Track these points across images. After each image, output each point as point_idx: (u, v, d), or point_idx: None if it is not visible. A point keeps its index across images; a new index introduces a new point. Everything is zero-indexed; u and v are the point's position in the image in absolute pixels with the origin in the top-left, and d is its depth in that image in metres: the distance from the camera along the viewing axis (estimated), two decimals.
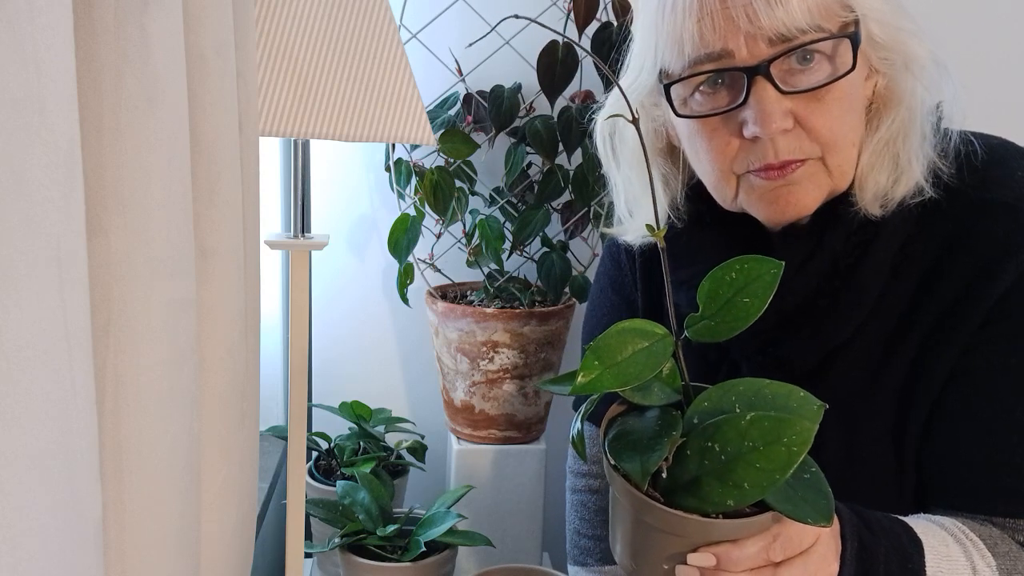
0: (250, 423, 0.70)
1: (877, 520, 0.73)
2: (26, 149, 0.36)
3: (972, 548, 0.75)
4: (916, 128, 0.80)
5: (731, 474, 0.59)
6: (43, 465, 0.39)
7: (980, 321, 0.78)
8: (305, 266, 0.91)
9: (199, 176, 0.57)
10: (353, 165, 1.55)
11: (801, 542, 0.63)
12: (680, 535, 0.62)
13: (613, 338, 0.63)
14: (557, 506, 1.55)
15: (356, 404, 1.47)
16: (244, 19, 0.63)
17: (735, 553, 0.61)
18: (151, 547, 0.52)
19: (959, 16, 1.46)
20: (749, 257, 0.63)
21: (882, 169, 0.80)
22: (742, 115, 0.77)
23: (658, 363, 0.62)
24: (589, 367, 0.62)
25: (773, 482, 0.57)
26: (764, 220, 0.82)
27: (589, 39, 1.34)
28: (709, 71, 0.77)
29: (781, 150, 0.77)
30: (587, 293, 1.42)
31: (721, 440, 0.60)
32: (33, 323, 0.37)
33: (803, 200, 0.79)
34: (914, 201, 0.80)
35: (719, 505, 0.59)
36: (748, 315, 0.62)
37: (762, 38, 0.74)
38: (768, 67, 0.74)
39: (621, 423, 0.67)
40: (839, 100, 0.76)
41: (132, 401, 0.49)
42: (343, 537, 1.19)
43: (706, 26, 0.75)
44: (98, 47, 0.45)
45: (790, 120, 0.76)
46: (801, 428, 0.58)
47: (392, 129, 0.83)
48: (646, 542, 0.64)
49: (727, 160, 0.80)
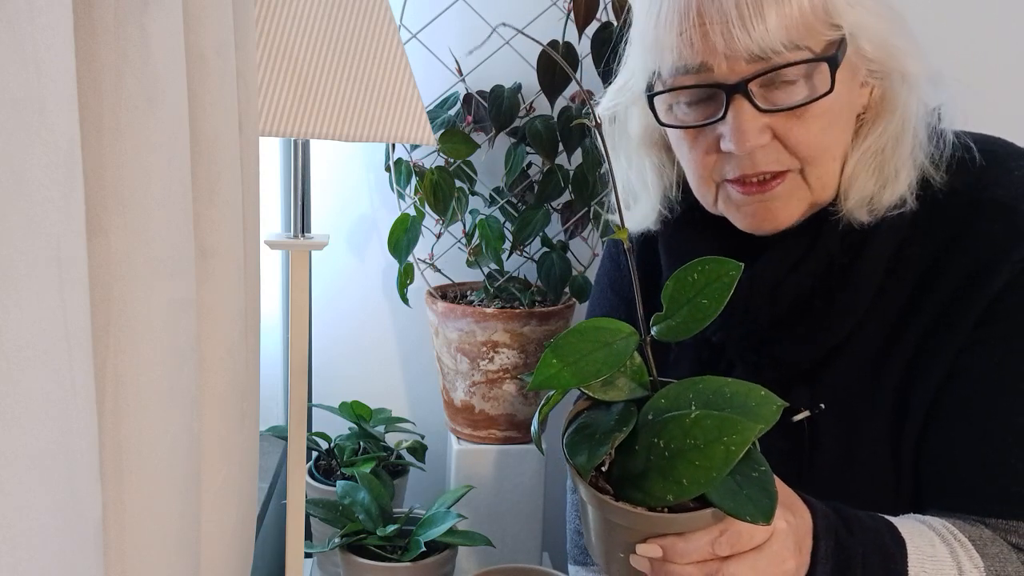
0: (250, 423, 0.70)
1: (858, 519, 0.73)
2: (26, 149, 0.36)
3: (960, 549, 0.75)
4: (908, 137, 0.79)
5: (672, 470, 0.60)
6: (43, 465, 0.39)
7: (975, 321, 0.78)
8: (305, 266, 0.91)
9: (199, 176, 0.57)
10: (353, 165, 1.55)
11: (751, 538, 0.63)
12: (629, 527, 0.64)
13: (573, 336, 0.65)
14: (557, 506, 1.55)
15: (356, 404, 1.47)
16: (244, 19, 0.63)
17: (680, 545, 0.62)
18: (151, 547, 0.52)
19: (959, 17, 1.46)
20: (710, 259, 0.64)
21: (868, 177, 0.79)
22: (720, 129, 0.77)
23: (619, 361, 0.63)
24: (547, 364, 0.63)
25: (710, 480, 0.59)
26: (744, 230, 0.83)
27: (589, 39, 1.34)
28: (690, 85, 0.77)
29: (758, 162, 0.77)
30: (587, 293, 1.42)
31: (667, 436, 0.61)
32: (33, 323, 0.37)
33: (780, 215, 0.80)
34: (902, 210, 0.79)
35: (661, 499, 0.61)
36: (706, 316, 0.63)
37: (741, 57, 0.74)
38: (746, 85, 0.75)
39: (585, 416, 0.68)
40: (819, 116, 0.76)
41: (132, 401, 0.49)
42: (343, 537, 1.19)
43: (685, 42, 0.75)
44: (98, 47, 0.45)
45: (767, 136, 0.76)
46: (742, 428, 0.59)
47: (392, 129, 0.83)
48: (606, 534, 0.66)
49: (707, 168, 0.81)
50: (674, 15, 0.76)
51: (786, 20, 0.73)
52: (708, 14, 0.74)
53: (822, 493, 0.75)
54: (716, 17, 0.73)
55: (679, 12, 0.75)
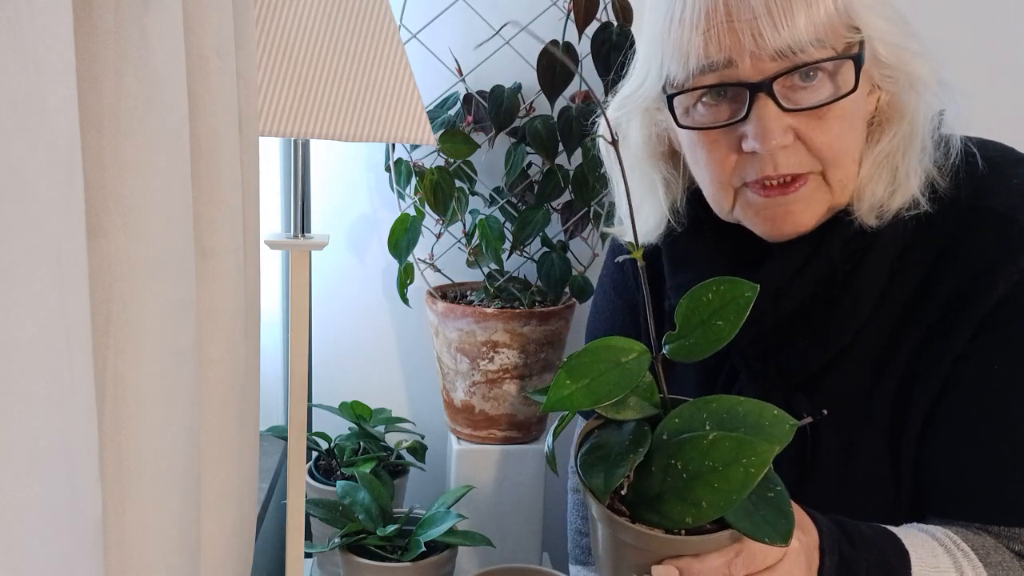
0: (250, 423, 0.70)
1: (860, 532, 0.73)
2: (26, 149, 0.36)
3: (963, 558, 0.75)
4: (917, 142, 0.80)
5: (690, 492, 0.60)
6: (43, 465, 0.39)
7: (973, 330, 0.78)
8: (305, 266, 0.91)
9: (199, 176, 0.57)
10: (353, 165, 1.55)
11: (765, 558, 0.63)
12: (644, 548, 0.63)
13: (586, 356, 0.64)
14: (557, 506, 1.55)
15: (356, 404, 1.47)
16: (244, 19, 0.62)
17: (696, 567, 0.61)
18: (151, 547, 0.52)
19: (961, 20, 1.46)
20: (725, 279, 0.63)
21: (880, 181, 0.80)
22: (742, 129, 0.77)
23: (632, 381, 0.63)
24: (560, 385, 0.63)
25: (730, 502, 0.58)
26: (761, 235, 0.83)
27: (589, 39, 1.34)
28: (712, 84, 0.77)
29: (780, 164, 0.77)
30: (587, 293, 1.42)
31: (684, 458, 0.61)
32: (33, 323, 0.37)
33: (801, 218, 0.80)
34: (910, 213, 0.80)
35: (679, 522, 0.60)
36: (721, 338, 0.62)
37: (766, 54, 0.74)
38: (771, 84, 0.75)
39: (596, 436, 0.68)
40: (840, 118, 0.77)
41: (132, 401, 0.49)
42: (343, 537, 1.19)
43: (711, 40, 0.75)
44: (98, 47, 0.45)
45: (790, 136, 0.76)
46: (761, 450, 0.58)
47: (392, 129, 0.83)
48: (616, 553, 0.65)
49: (726, 172, 0.80)
50: (699, 14, 0.75)
51: (814, 19, 0.73)
52: (736, 11, 0.74)
53: (823, 498, 0.75)
54: (745, 15, 0.74)
55: (705, 10, 0.75)
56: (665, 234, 0.91)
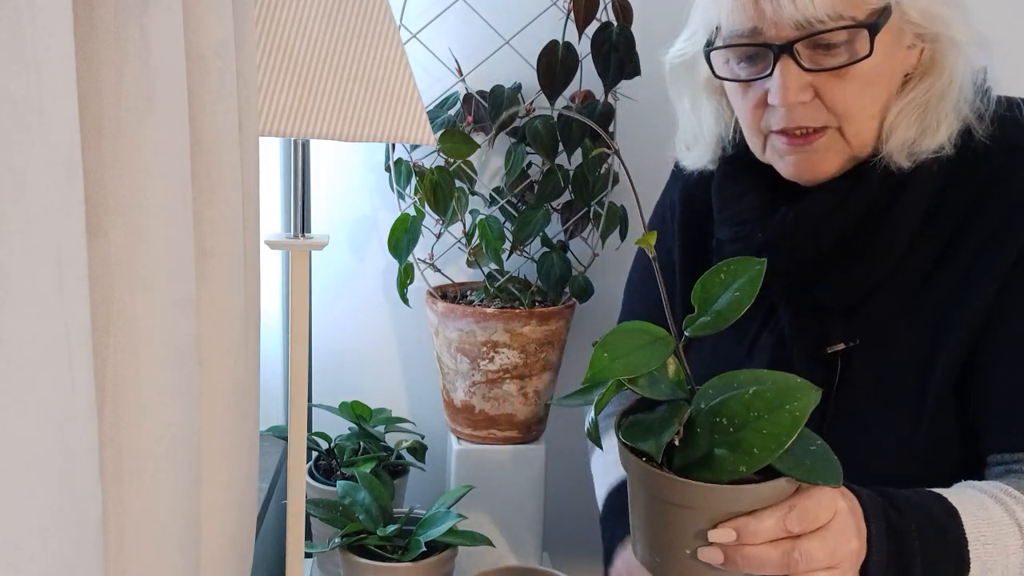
0: (250, 423, 0.70)
1: (905, 498, 0.75)
2: (26, 149, 0.36)
3: (1014, 504, 0.77)
4: (954, 92, 0.85)
5: (741, 442, 0.62)
6: (43, 465, 0.39)
7: (1014, 259, 0.82)
8: (305, 266, 0.91)
9: (199, 176, 0.57)
10: (353, 165, 1.55)
11: (817, 516, 0.65)
12: (699, 508, 0.64)
13: (619, 335, 0.69)
14: (557, 506, 1.55)
15: (356, 404, 1.47)
16: (244, 19, 0.63)
17: (753, 524, 0.63)
18: (151, 547, 0.52)
19: None
20: (734, 260, 0.68)
21: (909, 126, 0.85)
22: (767, 84, 0.86)
23: (663, 355, 0.67)
24: (598, 358, 0.67)
25: (780, 444, 0.61)
26: (788, 178, 0.90)
27: (589, 39, 1.34)
28: (743, 44, 0.86)
29: (797, 117, 0.85)
30: (587, 293, 1.43)
31: (728, 413, 0.64)
32: (33, 323, 0.37)
33: (821, 166, 0.87)
34: (945, 154, 0.85)
35: (732, 472, 0.62)
36: (740, 306, 0.66)
37: (787, 24, 0.82)
38: (792, 47, 0.83)
39: (632, 419, 0.71)
40: (860, 77, 0.83)
41: (132, 401, 0.49)
42: (343, 537, 1.19)
43: (739, 7, 0.85)
44: (98, 47, 0.45)
45: (808, 93, 0.84)
46: (802, 394, 0.62)
47: (392, 129, 0.83)
48: (666, 529, 0.66)
49: (756, 119, 0.89)
50: None
51: None
52: None
53: (844, 430, 0.78)
54: None
55: None
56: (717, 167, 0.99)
